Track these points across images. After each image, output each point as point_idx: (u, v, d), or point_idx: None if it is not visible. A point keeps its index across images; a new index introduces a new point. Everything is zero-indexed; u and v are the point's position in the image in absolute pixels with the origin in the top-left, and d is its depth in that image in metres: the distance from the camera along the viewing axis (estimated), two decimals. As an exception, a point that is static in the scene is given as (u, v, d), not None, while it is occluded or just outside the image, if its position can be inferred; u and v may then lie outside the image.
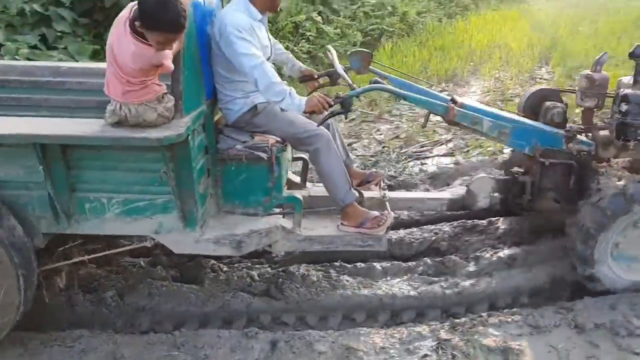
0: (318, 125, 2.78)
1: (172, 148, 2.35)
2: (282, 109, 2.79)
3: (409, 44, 8.67)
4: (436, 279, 3.00)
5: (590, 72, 3.05)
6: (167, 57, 2.31)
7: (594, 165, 3.01)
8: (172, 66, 2.33)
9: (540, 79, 7.54)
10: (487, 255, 3.17)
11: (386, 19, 9.08)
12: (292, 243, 2.78)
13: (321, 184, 2.93)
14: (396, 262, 3.19)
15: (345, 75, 2.83)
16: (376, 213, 2.86)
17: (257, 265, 3.19)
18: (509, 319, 2.62)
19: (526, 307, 2.81)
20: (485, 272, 3.06)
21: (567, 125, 3.06)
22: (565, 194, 3.03)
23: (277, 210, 2.86)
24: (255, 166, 2.71)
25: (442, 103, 2.90)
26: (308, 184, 3.25)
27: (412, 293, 2.87)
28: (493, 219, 3.56)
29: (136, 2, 2.24)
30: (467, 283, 2.94)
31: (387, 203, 3.02)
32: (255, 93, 2.77)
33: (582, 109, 3.17)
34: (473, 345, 2.45)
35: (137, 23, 2.22)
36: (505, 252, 3.19)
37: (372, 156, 4.92)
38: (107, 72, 2.40)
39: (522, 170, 3.15)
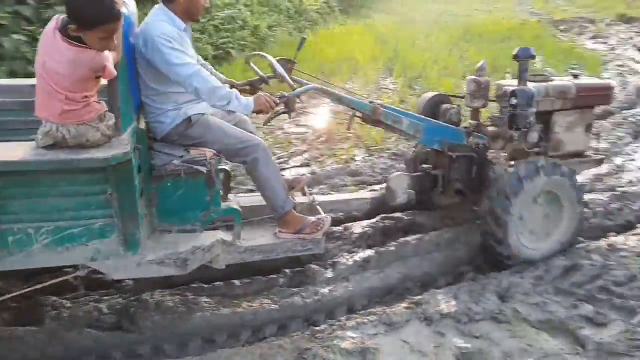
0: (264, 124, 2.95)
1: (115, 168, 2.23)
2: (229, 111, 2.76)
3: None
4: (297, 289, 3.03)
5: (477, 77, 3.51)
6: (108, 60, 2.19)
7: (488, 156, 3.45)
8: (114, 71, 2.21)
9: (386, 88, 8.03)
10: (344, 260, 3.28)
11: (237, 33, 9.07)
12: (233, 256, 2.77)
13: (246, 194, 2.94)
14: (256, 277, 3.16)
15: (286, 76, 2.91)
16: (313, 218, 2.95)
17: (105, 297, 2.95)
18: (365, 320, 2.72)
19: (381, 306, 2.95)
20: (343, 277, 3.15)
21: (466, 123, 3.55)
22: (469, 183, 3.44)
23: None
24: (193, 181, 2.64)
25: (369, 103, 3.17)
26: (230, 196, 3.19)
27: (274, 306, 2.86)
28: (348, 224, 3.70)
29: (59, 14, 2.17)
30: (326, 290, 3.01)
31: (318, 207, 3.14)
32: (188, 104, 2.72)
33: (471, 109, 3.63)
34: (333, 351, 2.50)
35: (71, 26, 2.11)
36: (360, 256, 3.31)
37: (231, 170, 4.85)
38: (37, 92, 2.24)
39: (431, 166, 3.56)
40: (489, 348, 2.54)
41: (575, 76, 3.61)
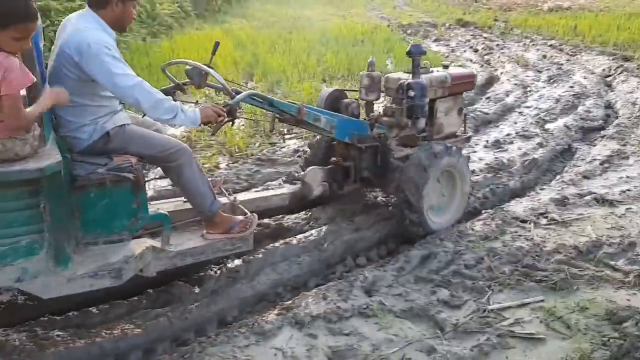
0: (213, 134, 3.02)
1: (47, 179, 2.16)
2: (178, 124, 2.69)
3: (113, 64, 8.25)
4: (162, 309, 2.86)
5: (370, 73, 3.80)
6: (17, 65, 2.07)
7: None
8: (33, 77, 2.11)
9: (247, 93, 8.00)
10: (211, 273, 3.18)
11: (83, 39, 8.43)
12: (164, 262, 2.75)
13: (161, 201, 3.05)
14: (117, 301, 2.94)
15: (225, 84, 2.94)
16: (241, 217, 3.04)
17: None
18: (236, 333, 2.65)
19: (252, 315, 2.90)
20: (212, 291, 3.05)
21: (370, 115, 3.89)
22: (375, 170, 3.74)
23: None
24: (118, 189, 2.55)
25: (295, 105, 3.29)
26: None
27: (137, 331, 2.68)
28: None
29: None
30: (194, 306, 2.89)
31: (241, 206, 3.21)
32: (105, 117, 2.62)
33: (365, 102, 3.92)
34: (203, 369, 2.40)
35: None
36: (228, 267, 3.23)
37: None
38: None
39: (341, 159, 3.79)
40: (358, 343, 2.60)
41: (446, 67, 4.11)
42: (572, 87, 7.70)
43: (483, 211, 4.06)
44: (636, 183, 4.40)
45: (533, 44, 11.39)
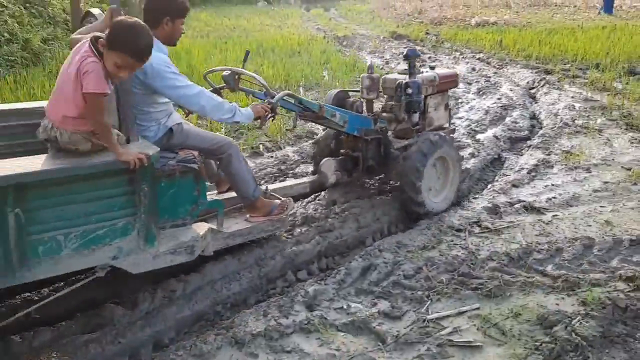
0: (261, 127, 3.62)
1: (148, 166, 2.50)
2: (237, 121, 3.08)
3: (36, 74, 7.83)
4: (92, 335, 2.70)
5: (370, 75, 4.27)
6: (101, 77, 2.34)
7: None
8: (108, 90, 2.36)
9: (183, 104, 7.81)
10: (146, 294, 3.03)
11: (4, 47, 7.98)
12: (219, 242, 3.18)
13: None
14: (41, 327, 2.75)
15: (267, 86, 3.37)
16: (278, 201, 3.48)
17: None
18: (174, 355, 2.56)
19: (190, 336, 2.80)
20: (147, 312, 2.92)
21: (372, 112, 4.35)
22: (379, 160, 4.24)
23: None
24: (184, 178, 2.87)
25: (316, 103, 3.74)
26: None
27: (65, 358, 2.52)
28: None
29: (95, 33, 2.40)
30: (127, 329, 2.75)
31: (274, 194, 3.64)
32: (165, 118, 3.01)
33: (366, 100, 4.35)
34: (138, 398, 2.28)
35: (101, 40, 2.29)
36: (163, 287, 3.10)
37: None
38: (54, 90, 2.46)
39: (350, 150, 4.30)
40: (300, 360, 2.57)
41: (432, 68, 4.63)
42: (499, 99, 8.04)
43: (420, 221, 4.14)
44: (561, 191, 4.63)
45: (463, 57, 11.84)
